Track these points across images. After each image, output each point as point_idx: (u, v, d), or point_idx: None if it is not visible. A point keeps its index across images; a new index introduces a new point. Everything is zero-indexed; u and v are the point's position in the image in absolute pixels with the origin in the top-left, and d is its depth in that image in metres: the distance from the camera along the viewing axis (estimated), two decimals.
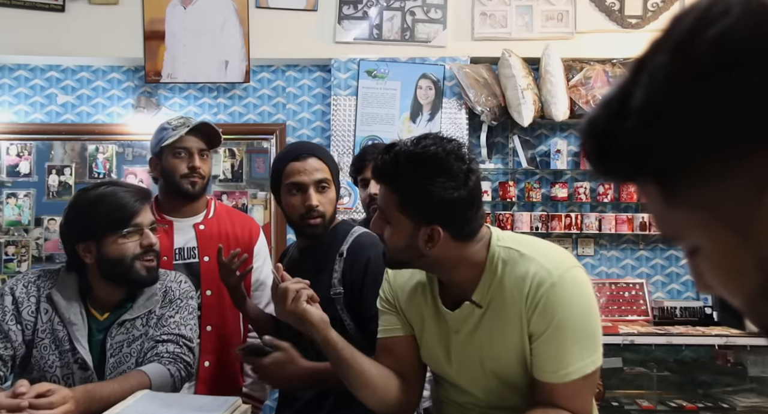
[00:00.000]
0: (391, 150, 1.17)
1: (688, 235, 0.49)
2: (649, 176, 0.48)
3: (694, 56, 0.43)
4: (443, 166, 1.12)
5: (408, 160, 1.14)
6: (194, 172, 1.92)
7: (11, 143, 3.48)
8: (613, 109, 0.48)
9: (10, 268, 3.42)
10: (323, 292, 1.53)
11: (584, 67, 3.28)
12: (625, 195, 3.34)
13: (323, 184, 1.61)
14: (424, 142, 1.15)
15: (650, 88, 0.45)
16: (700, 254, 0.49)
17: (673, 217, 0.49)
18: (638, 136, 0.46)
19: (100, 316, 1.54)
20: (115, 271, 1.51)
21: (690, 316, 3.15)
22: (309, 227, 1.61)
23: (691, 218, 0.47)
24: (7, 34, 3.33)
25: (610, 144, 0.48)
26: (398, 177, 1.16)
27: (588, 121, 0.50)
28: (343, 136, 3.33)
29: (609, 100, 0.49)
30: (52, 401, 1.24)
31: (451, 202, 1.12)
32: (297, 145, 1.71)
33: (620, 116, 0.47)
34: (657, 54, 0.46)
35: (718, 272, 0.48)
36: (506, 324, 1.18)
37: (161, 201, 2.00)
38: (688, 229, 0.48)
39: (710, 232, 0.46)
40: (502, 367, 1.23)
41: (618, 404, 2.88)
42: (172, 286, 1.61)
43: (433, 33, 3.37)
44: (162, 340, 1.53)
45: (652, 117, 0.45)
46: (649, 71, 0.46)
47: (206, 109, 3.47)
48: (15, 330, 1.48)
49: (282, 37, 3.36)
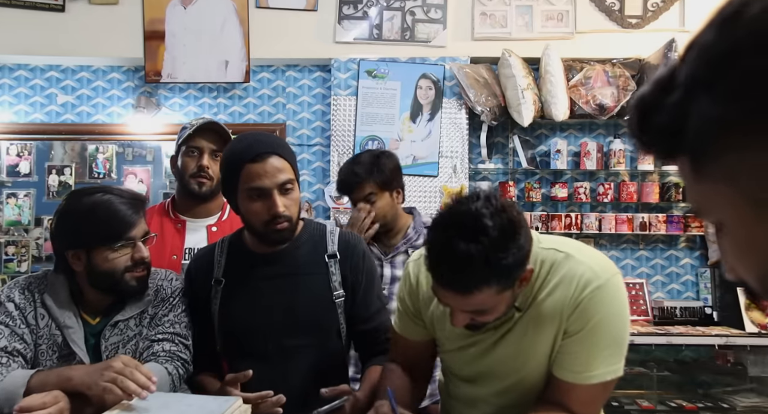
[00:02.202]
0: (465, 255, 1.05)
1: (713, 210, 0.51)
2: (683, 149, 0.50)
3: (734, 33, 0.45)
4: (509, 236, 1.06)
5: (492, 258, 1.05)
6: (202, 172, 1.92)
7: (11, 143, 3.48)
8: (662, 84, 0.50)
9: (10, 268, 3.42)
10: (318, 297, 1.50)
11: (584, 67, 3.28)
12: (625, 195, 3.34)
13: (287, 186, 1.45)
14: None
15: (695, 63, 0.47)
16: (723, 231, 0.51)
17: (701, 191, 0.50)
18: (679, 108, 0.48)
19: (92, 321, 1.53)
20: (104, 281, 1.49)
21: (690, 316, 3.15)
22: (275, 233, 1.46)
23: (716, 192, 0.49)
24: (7, 34, 3.33)
25: (654, 116, 0.50)
26: (493, 276, 1.07)
27: (638, 97, 0.52)
28: (343, 136, 3.33)
29: (659, 77, 0.51)
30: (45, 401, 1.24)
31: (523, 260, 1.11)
32: (252, 142, 1.46)
33: (667, 90, 0.49)
34: (705, 32, 0.47)
35: (736, 247, 0.50)
36: (543, 325, 1.18)
37: (177, 200, 2.01)
38: (713, 203, 0.50)
39: (731, 205, 0.48)
40: (527, 367, 1.23)
41: (618, 404, 2.88)
42: (163, 285, 1.59)
43: (433, 33, 3.37)
44: (157, 339, 1.53)
45: (694, 90, 0.47)
46: (696, 48, 0.48)
47: (206, 109, 3.48)
48: (27, 332, 1.48)
49: (282, 37, 3.36)
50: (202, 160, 1.92)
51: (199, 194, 1.96)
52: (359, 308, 1.53)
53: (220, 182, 2.00)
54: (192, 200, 1.97)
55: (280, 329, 1.48)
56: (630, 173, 3.43)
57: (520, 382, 1.25)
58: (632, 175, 3.44)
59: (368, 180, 2.11)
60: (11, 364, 1.42)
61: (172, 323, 1.55)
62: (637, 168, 3.41)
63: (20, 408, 1.22)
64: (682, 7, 3.37)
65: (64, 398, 1.27)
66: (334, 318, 1.52)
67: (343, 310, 1.53)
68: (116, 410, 1.25)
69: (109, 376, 1.26)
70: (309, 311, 1.49)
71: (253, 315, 1.50)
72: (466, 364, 1.30)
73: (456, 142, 3.33)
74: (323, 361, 1.50)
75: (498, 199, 1.08)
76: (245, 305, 1.52)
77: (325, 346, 1.52)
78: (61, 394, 1.27)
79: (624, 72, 3.26)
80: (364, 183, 2.11)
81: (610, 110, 3.23)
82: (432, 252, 1.09)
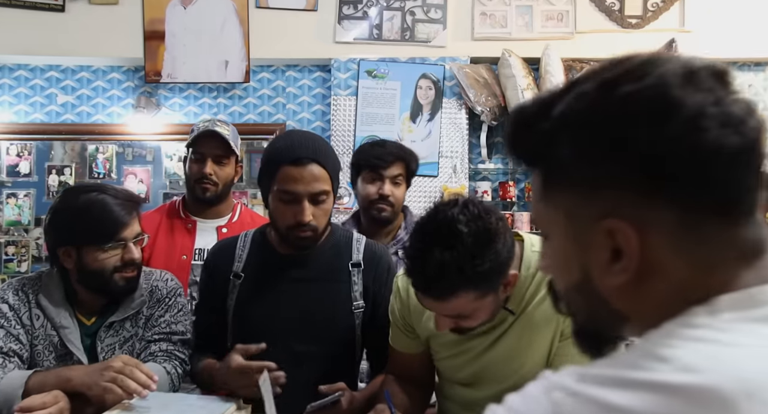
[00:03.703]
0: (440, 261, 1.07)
1: (544, 227, 0.63)
2: (540, 169, 0.60)
3: (603, 99, 0.54)
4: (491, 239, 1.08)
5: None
6: (205, 179, 1.93)
7: (11, 143, 3.48)
8: (542, 109, 0.58)
9: (10, 268, 3.42)
10: (337, 305, 1.47)
11: (584, 67, 3.28)
12: None
13: (321, 197, 1.40)
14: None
15: (569, 105, 0.56)
16: (548, 240, 0.63)
17: (543, 208, 0.61)
18: (547, 136, 0.57)
19: (87, 321, 1.52)
20: (93, 280, 1.48)
21: None
22: (297, 240, 1.43)
23: (552, 214, 0.60)
24: (7, 34, 3.33)
25: (527, 134, 0.59)
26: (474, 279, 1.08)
27: (521, 109, 0.62)
28: (343, 136, 3.33)
29: (543, 101, 0.59)
30: (45, 401, 1.23)
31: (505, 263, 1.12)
32: (297, 143, 1.41)
33: (544, 116, 0.57)
34: (587, 81, 0.56)
35: (553, 260, 0.63)
36: (539, 328, 1.18)
37: (187, 200, 2.02)
38: (548, 221, 0.61)
39: (559, 230, 0.60)
40: (523, 371, 1.22)
41: None
42: (158, 285, 1.59)
43: (433, 33, 3.37)
44: (154, 339, 1.52)
45: (561, 127, 0.56)
46: (575, 92, 0.56)
47: (206, 109, 3.47)
48: (22, 333, 1.47)
49: (282, 37, 3.36)
50: (205, 167, 1.92)
51: (204, 200, 1.97)
52: (379, 321, 1.48)
53: (227, 185, 2.01)
54: (200, 203, 1.99)
55: (294, 334, 1.45)
56: None
57: (516, 385, 1.23)
58: None
59: (401, 163, 2.03)
60: (7, 365, 1.41)
61: (168, 323, 1.55)
62: None
63: (20, 408, 1.22)
64: (682, 7, 3.37)
65: (64, 398, 1.27)
66: (350, 328, 1.48)
67: (361, 321, 1.49)
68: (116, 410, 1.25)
69: (110, 375, 1.26)
70: (325, 319, 1.46)
71: (268, 316, 1.47)
72: (462, 369, 1.30)
73: (456, 142, 3.33)
74: (332, 370, 1.46)
75: (477, 205, 1.08)
76: (262, 305, 1.48)
77: (336, 355, 1.48)
78: (61, 394, 1.27)
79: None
80: (398, 162, 2.02)
81: None
82: (409, 259, 1.10)
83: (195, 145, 1.95)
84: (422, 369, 1.41)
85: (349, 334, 1.49)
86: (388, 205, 1.99)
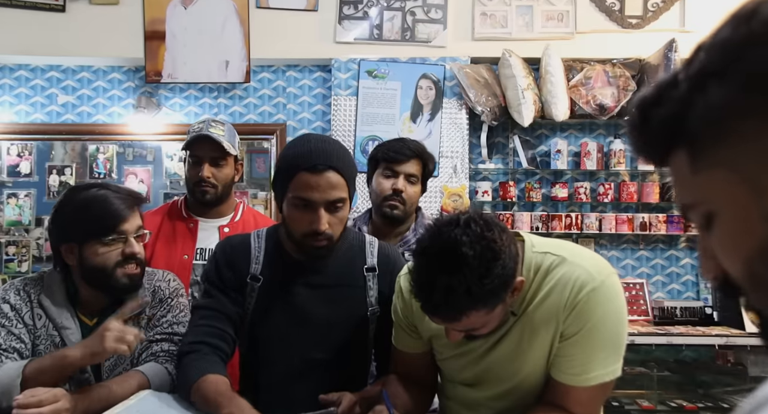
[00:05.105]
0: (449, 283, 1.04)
1: (706, 200, 0.52)
2: (682, 140, 0.52)
3: (749, 26, 0.46)
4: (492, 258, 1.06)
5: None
6: (203, 182, 1.93)
7: (12, 143, 3.48)
8: (665, 84, 0.52)
9: (11, 268, 3.43)
10: (354, 311, 1.45)
11: (584, 67, 3.28)
12: (626, 195, 3.34)
13: (337, 205, 1.36)
14: None
15: (705, 56, 0.49)
16: (713, 220, 0.52)
17: (696, 182, 0.52)
18: (684, 99, 0.49)
19: (89, 322, 1.52)
20: (95, 277, 1.48)
21: (690, 316, 3.15)
22: (312, 249, 1.38)
23: (713, 179, 0.50)
24: (7, 34, 3.33)
25: (656, 111, 0.52)
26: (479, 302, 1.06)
27: (640, 97, 0.54)
28: (344, 136, 3.33)
29: (662, 79, 0.53)
30: (42, 399, 1.22)
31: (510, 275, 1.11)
32: (313, 149, 1.35)
33: (671, 86, 0.51)
34: (717, 31, 0.49)
35: (726, 235, 0.51)
36: (539, 328, 1.18)
37: (189, 200, 2.01)
38: (708, 192, 0.51)
39: (729, 190, 0.49)
40: (524, 371, 1.23)
41: (618, 404, 2.88)
42: (161, 286, 1.59)
43: (433, 33, 3.38)
44: (156, 340, 1.52)
45: (701, 80, 0.49)
46: (707, 45, 0.49)
47: (207, 109, 3.48)
48: (24, 332, 1.47)
49: (282, 37, 3.37)
50: (202, 171, 1.92)
51: (203, 202, 1.96)
52: (391, 323, 1.45)
53: (227, 186, 2.00)
54: (202, 204, 1.98)
55: (312, 342, 1.43)
56: (630, 173, 3.43)
57: (518, 385, 1.25)
58: (632, 176, 3.44)
59: (418, 161, 1.98)
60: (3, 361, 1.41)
61: (170, 324, 1.55)
62: (637, 168, 3.41)
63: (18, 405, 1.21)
64: (682, 7, 3.37)
65: (65, 396, 1.25)
66: (365, 333, 1.48)
67: (375, 325, 1.48)
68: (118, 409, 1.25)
69: (111, 336, 1.31)
70: (343, 326, 1.44)
71: (288, 324, 1.43)
72: (464, 369, 1.30)
73: (456, 142, 3.33)
74: (347, 375, 1.46)
75: (478, 222, 1.06)
76: (281, 312, 1.44)
77: (351, 360, 1.47)
78: (62, 392, 1.26)
79: (624, 72, 3.26)
80: (415, 159, 1.97)
81: (610, 110, 3.23)
82: (416, 282, 1.09)
83: (191, 149, 1.95)
84: (424, 369, 1.41)
85: (364, 338, 1.49)
86: (400, 202, 1.94)
